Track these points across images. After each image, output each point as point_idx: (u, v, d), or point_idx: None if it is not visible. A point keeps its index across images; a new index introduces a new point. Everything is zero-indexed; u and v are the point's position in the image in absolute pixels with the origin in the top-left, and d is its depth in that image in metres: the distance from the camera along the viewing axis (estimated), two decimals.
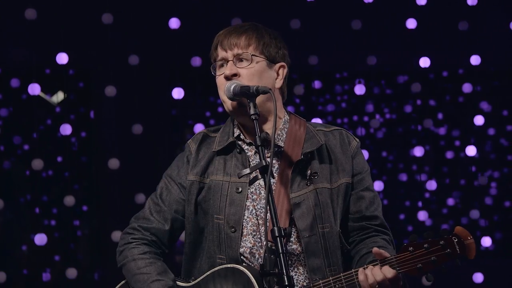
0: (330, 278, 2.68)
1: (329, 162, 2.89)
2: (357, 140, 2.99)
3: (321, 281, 2.69)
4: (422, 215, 5.98)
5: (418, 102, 7.05)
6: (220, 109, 6.75)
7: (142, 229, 2.90)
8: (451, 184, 7.66)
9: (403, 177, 7.49)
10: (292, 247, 2.81)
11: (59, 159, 6.77)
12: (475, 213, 5.97)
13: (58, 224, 6.92)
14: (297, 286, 2.78)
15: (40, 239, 5.22)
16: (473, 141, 6.65)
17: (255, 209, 2.81)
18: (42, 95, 6.75)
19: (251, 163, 2.84)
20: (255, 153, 2.86)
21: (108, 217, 6.21)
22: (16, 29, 5.89)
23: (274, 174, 2.83)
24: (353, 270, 2.66)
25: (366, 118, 7.11)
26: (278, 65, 2.92)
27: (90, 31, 5.93)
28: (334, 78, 7.49)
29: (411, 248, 2.57)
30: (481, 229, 6.51)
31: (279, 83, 2.92)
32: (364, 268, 2.63)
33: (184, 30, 5.64)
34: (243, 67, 2.84)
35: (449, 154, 7.40)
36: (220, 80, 2.87)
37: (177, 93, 5.62)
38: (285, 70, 2.95)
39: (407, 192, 7.64)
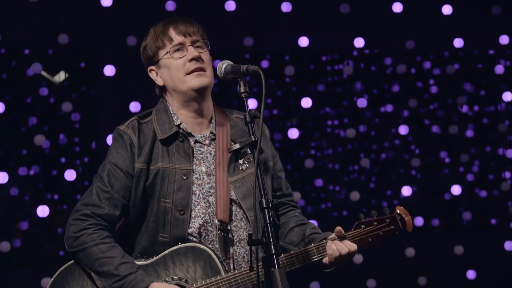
0: (292, 252, 2.90)
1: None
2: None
3: (283, 255, 2.88)
4: (406, 191, 6.02)
5: (404, 83, 7.08)
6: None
7: (95, 215, 2.91)
8: (435, 161, 7.71)
9: (390, 154, 7.52)
10: (239, 225, 2.98)
11: (61, 135, 6.79)
12: (456, 189, 6.01)
13: (61, 198, 6.95)
14: (246, 261, 2.97)
15: (42, 211, 5.22)
16: (456, 120, 6.67)
17: (201, 193, 2.96)
18: (45, 74, 6.75)
19: (194, 152, 3.00)
20: (195, 143, 3.03)
21: None
22: (19, 11, 5.89)
23: (213, 160, 2.99)
24: (313, 245, 2.91)
25: (354, 98, 7.14)
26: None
27: (90, 13, 5.92)
28: (323, 60, 7.51)
29: (363, 226, 2.92)
30: (463, 204, 6.56)
31: None
32: (332, 241, 2.90)
33: (180, 12, 5.64)
34: (202, 52, 3.02)
35: (433, 132, 7.45)
36: (180, 63, 2.98)
37: None
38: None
39: (393, 170, 7.69)
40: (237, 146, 2.80)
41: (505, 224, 7.40)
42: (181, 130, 3.01)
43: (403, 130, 6.05)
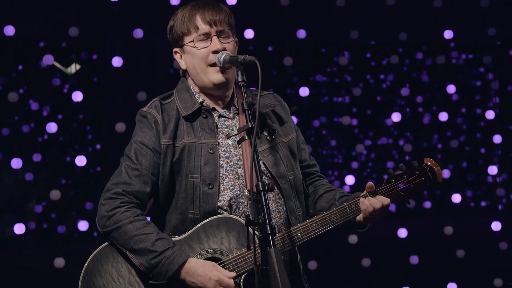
0: (325, 213, 2.84)
1: (277, 121, 3.05)
2: None
3: (316, 217, 2.83)
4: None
5: (398, 72, 7.06)
6: None
7: (127, 193, 2.81)
8: (427, 147, 7.71)
9: (384, 140, 7.52)
10: (269, 195, 2.86)
11: (74, 123, 6.80)
12: (446, 173, 6.02)
13: (73, 183, 6.97)
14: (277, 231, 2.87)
15: (55, 194, 5.24)
16: (447, 108, 6.66)
17: (229, 166, 2.87)
18: (58, 65, 6.76)
19: (219, 126, 2.92)
20: (219, 117, 2.95)
21: None
22: (34, 5, 5.90)
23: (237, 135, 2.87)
24: (345, 204, 2.84)
25: (351, 87, 7.12)
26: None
27: (98, 7, 5.92)
28: (321, 51, 7.49)
29: (393, 180, 2.83)
30: (453, 187, 6.56)
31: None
32: (364, 198, 2.82)
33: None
34: (227, 43, 2.91)
35: (426, 120, 7.44)
36: (204, 53, 2.89)
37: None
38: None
39: (388, 155, 7.69)
40: (235, 132, 2.83)
41: (493, 207, 7.40)
42: (204, 107, 2.93)
43: (396, 117, 6.05)
